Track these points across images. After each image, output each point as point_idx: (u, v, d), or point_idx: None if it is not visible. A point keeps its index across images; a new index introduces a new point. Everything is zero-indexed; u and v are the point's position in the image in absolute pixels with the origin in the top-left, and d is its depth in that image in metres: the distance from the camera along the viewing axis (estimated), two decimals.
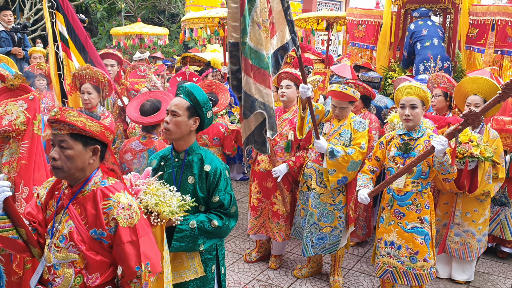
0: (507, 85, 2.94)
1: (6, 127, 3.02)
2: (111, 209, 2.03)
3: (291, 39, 3.21)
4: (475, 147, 3.68)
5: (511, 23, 5.46)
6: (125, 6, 14.53)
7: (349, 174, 3.80)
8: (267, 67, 2.99)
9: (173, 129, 2.52)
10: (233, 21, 2.85)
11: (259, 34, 2.88)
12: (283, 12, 3.11)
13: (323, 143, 3.78)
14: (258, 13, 2.86)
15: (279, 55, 3.22)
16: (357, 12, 6.86)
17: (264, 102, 3.08)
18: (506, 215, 4.55)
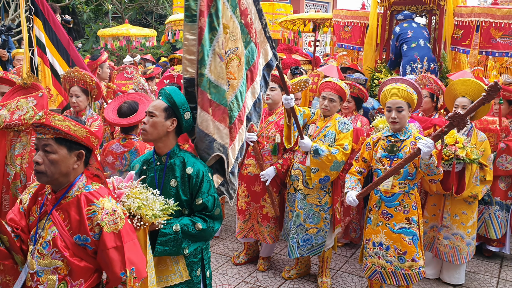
0: (491, 88, 2.97)
1: (16, 121, 3.36)
2: (95, 214, 2.01)
3: (273, 54, 3.18)
4: (461, 149, 3.71)
5: (495, 25, 5.51)
6: (112, 7, 14.43)
7: (331, 173, 3.81)
8: (227, 105, 2.69)
9: (149, 129, 2.52)
10: (189, 55, 2.57)
11: (220, 67, 2.61)
12: (262, 31, 3.07)
13: (307, 142, 3.79)
14: (220, 44, 2.60)
15: (266, 73, 3.18)
16: (343, 14, 6.88)
17: (223, 144, 2.70)
18: (490, 213, 4.61)
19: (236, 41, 2.78)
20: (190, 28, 2.54)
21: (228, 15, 2.71)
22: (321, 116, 4.02)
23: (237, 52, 2.79)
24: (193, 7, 2.50)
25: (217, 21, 2.57)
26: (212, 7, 2.55)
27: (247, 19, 2.89)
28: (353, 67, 6.64)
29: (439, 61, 5.97)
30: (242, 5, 2.84)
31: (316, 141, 3.89)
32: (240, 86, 2.81)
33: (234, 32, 2.76)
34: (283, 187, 4.34)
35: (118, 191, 2.27)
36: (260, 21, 3.03)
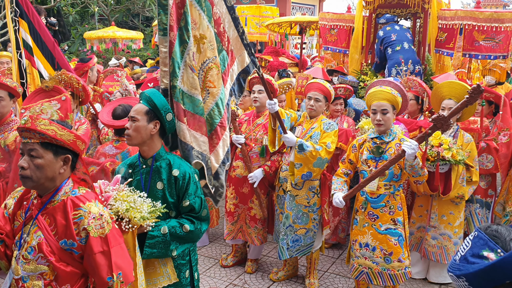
0: (474, 90, 3.02)
1: None
2: (81, 219, 2.00)
3: (251, 61, 3.24)
4: (446, 150, 3.76)
5: (478, 28, 5.60)
6: (99, 10, 14.33)
7: (314, 170, 3.82)
8: (203, 113, 2.79)
9: (133, 134, 2.54)
10: (164, 67, 2.68)
11: (192, 78, 2.71)
12: (239, 38, 3.13)
13: (291, 137, 3.79)
14: (191, 56, 2.70)
15: (241, 79, 3.26)
16: (329, 17, 6.94)
17: (201, 151, 2.82)
18: (471, 211, 4.68)
19: (214, 50, 2.89)
20: (163, 41, 2.67)
21: (205, 25, 2.83)
22: (307, 117, 4.05)
23: (215, 61, 2.89)
24: (164, 21, 2.64)
25: (186, 34, 2.69)
26: (182, 20, 2.68)
27: (219, 28, 2.99)
28: (339, 69, 6.69)
29: (423, 63, 6.04)
30: (215, 14, 2.95)
31: None
32: (220, 93, 2.91)
33: (211, 41, 2.88)
34: (271, 189, 4.37)
35: (105, 194, 2.27)
36: (237, 29, 3.10)
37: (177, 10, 2.68)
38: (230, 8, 3.04)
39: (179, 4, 2.68)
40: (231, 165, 4.37)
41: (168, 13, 2.62)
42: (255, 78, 4.30)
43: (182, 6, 2.69)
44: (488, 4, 20.49)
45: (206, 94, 2.86)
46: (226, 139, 2.98)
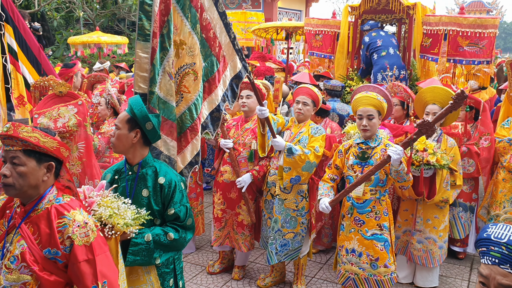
0: (458, 95, 3.06)
1: (61, 128, 3.56)
2: (66, 227, 1.98)
3: (242, 66, 3.27)
4: (431, 155, 3.79)
5: (462, 33, 5.68)
6: (84, 14, 14.24)
7: (303, 174, 3.83)
8: (175, 119, 2.84)
9: (115, 142, 2.55)
10: (141, 72, 2.69)
11: (169, 84, 2.74)
12: (231, 44, 3.16)
13: (280, 141, 3.80)
14: (171, 63, 2.73)
15: (234, 84, 3.28)
16: (314, 22, 6.98)
17: (169, 155, 2.87)
18: (454, 214, 4.73)
19: (193, 56, 2.90)
20: (142, 47, 2.67)
21: (187, 31, 2.85)
22: (295, 122, 4.06)
23: (194, 67, 2.91)
24: (147, 27, 2.64)
25: (168, 42, 2.72)
26: (165, 28, 2.70)
27: (209, 33, 3.01)
28: (326, 74, 6.73)
29: (409, 68, 6.10)
30: (205, 20, 2.96)
31: None
32: (195, 99, 2.95)
33: (192, 48, 2.89)
34: (259, 194, 4.35)
35: (89, 200, 2.25)
36: (228, 34, 3.13)
37: (161, 17, 2.69)
38: (222, 14, 3.06)
39: (163, 11, 2.69)
40: (218, 170, 4.36)
41: (152, 20, 2.63)
42: (243, 84, 4.29)
43: (166, 13, 2.70)
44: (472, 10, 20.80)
45: (180, 98, 2.91)
46: (196, 144, 3.01)
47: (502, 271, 1.36)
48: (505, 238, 1.37)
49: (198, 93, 2.95)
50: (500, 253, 1.36)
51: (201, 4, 2.90)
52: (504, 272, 1.35)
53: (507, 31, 58.57)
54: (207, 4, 2.95)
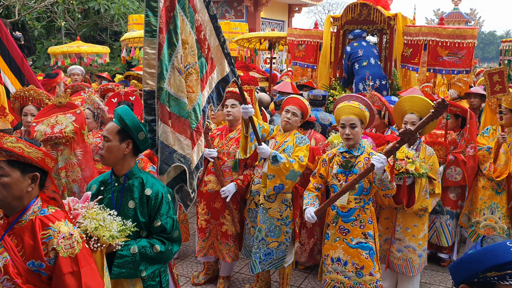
0: (439, 104, 3.10)
1: (58, 133, 3.61)
2: (50, 239, 1.94)
3: (230, 70, 3.26)
4: (410, 163, 3.83)
5: (441, 43, 5.79)
6: (65, 24, 14.12)
7: (286, 182, 3.83)
8: (188, 116, 2.79)
9: (105, 154, 2.51)
10: (149, 68, 2.67)
11: (179, 80, 2.71)
12: (220, 47, 3.15)
13: (265, 148, 3.80)
14: (179, 59, 2.72)
15: (221, 87, 3.26)
16: (296, 33, 7.05)
17: (184, 154, 2.79)
18: (441, 222, 4.78)
19: (194, 56, 2.90)
20: (150, 43, 2.65)
21: (188, 31, 2.85)
22: (280, 131, 4.07)
23: (195, 67, 2.90)
24: (153, 23, 2.62)
25: (175, 37, 2.70)
26: (171, 23, 2.69)
27: (200, 35, 3.01)
28: (309, 84, 6.78)
29: (390, 78, 6.19)
30: (197, 21, 2.96)
31: None
32: (198, 99, 2.92)
33: (192, 47, 2.89)
34: (243, 204, 4.34)
35: (74, 212, 2.22)
36: (218, 37, 3.12)
37: (166, 13, 2.68)
38: (213, 16, 3.05)
39: (168, 8, 2.69)
40: (202, 180, 4.33)
41: (158, 16, 2.62)
42: (228, 93, 4.29)
43: (171, 9, 2.69)
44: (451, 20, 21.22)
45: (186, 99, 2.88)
46: (201, 145, 2.98)
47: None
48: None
49: (199, 92, 2.94)
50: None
51: (194, 5, 2.92)
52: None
53: (485, 41, 59.95)
54: (199, 6, 2.97)
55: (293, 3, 19.70)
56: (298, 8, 20.28)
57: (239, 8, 17.75)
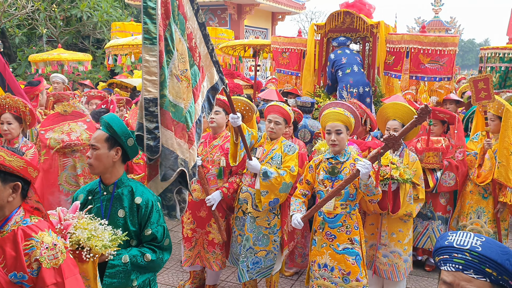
0: (422, 110, 3.14)
1: (76, 141, 3.79)
2: (33, 249, 1.91)
3: (219, 78, 3.27)
4: (394, 169, 3.87)
5: (423, 51, 5.89)
6: (47, 31, 13.98)
7: (280, 196, 3.85)
8: (185, 121, 2.82)
9: (94, 163, 2.48)
10: (150, 75, 2.63)
11: (178, 86, 2.73)
12: (209, 55, 3.17)
13: (255, 164, 3.82)
14: (176, 65, 2.74)
15: (210, 96, 3.27)
16: (280, 41, 7.10)
17: (184, 158, 2.83)
18: (433, 228, 4.83)
19: (185, 63, 2.90)
20: (149, 50, 2.63)
21: (178, 38, 2.85)
22: (267, 139, 4.08)
23: (186, 74, 2.90)
24: (153, 30, 2.60)
25: (172, 44, 2.72)
26: (167, 31, 2.70)
27: (191, 43, 3.01)
28: (294, 91, 6.82)
29: (373, 85, 6.25)
30: (188, 29, 2.97)
31: (264, 164, 3.93)
32: (189, 106, 2.92)
33: (183, 54, 2.89)
34: (229, 211, 4.32)
35: (65, 222, 2.18)
36: (207, 45, 3.13)
37: (163, 21, 2.68)
38: (201, 24, 3.06)
39: (164, 15, 2.69)
40: None
41: (157, 23, 2.61)
42: None
43: (167, 17, 2.69)
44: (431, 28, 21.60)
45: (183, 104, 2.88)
46: (193, 154, 2.98)
47: (467, 276, 1.41)
48: (468, 244, 1.43)
49: (191, 100, 2.93)
50: (463, 259, 1.42)
51: (185, 13, 2.91)
52: (469, 277, 1.41)
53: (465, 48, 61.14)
54: (189, 14, 2.97)
55: (277, 11, 19.82)
56: (282, 16, 20.41)
57: (223, 16, 17.80)
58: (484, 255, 1.39)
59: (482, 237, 1.44)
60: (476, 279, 1.39)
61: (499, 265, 1.37)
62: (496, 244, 1.41)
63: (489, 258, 1.38)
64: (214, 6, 17.68)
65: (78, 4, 13.75)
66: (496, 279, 1.38)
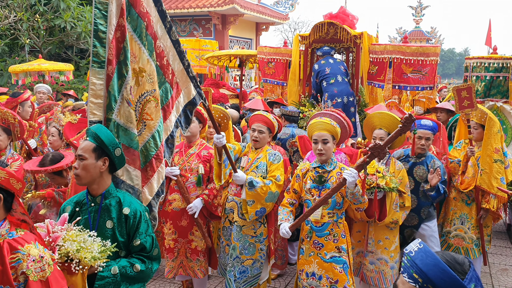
0: (406, 119, 3.21)
1: None
2: (20, 262, 1.89)
3: (197, 93, 3.29)
4: (381, 178, 3.93)
5: (406, 61, 5.99)
6: (30, 41, 13.85)
7: (267, 205, 3.87)
8: (137, 147, 2.77)
9: (82, 173, 2.46)
10: (96, 98, 2.66)
11: (128, 111, 2.69)
12: (184, 71, 3.18)
13: (241, 175, 3.84)
14: (129, 90, 2.69)
15: (188, 111, 3.28)
16: (266, 51, 7.17)
17: (133, 185, 2.79)
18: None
19: (153, 83, 2.89)
20: (97, 73, 2.65)
21: (145, 59, 2.85)
22: (252, 148, 4.10)
23: (154, 94, 2.89)
24: (102, 54, 2.63)
25: (125, 68, 2.70)
26: (121, 55, 2.69)
27: (162, 61, 3.02)
28: (279, 101, 6.87)
29: (357, 95, 6.33)
30: (158, 48, 2.98)
31: (249, 173, 3.95)
32: (157, 125, 2.92)
33: (151, 74, 2.89)
34: (210, 218, 4.32)
35: (53, 234, 2.17)
36: (182, 62, 3.14)
37: (117, 45, 2.67)
38: (175, 42, 3.07)
39: (119, 39, 2.68)
40: (166, 199, 4.28)
41: (107, 47, 2.62)
42: None
43: (122, 40, 2.69)
44: (412, 38, 21.95)
45: (143, 126, 2.87)
46: (161, 171, 2.98)
47: (402, 279, 1.50)
48: (408, 249, 1.51)
49: (160, 119, 2.93)
50: (403, 262, 1.51)
51: (155, 33, 2.92)
52: (403, 280, 1.50)
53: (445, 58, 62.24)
54: (160, 32, 2.98)
55: (261, 22, 19.98)
56: (266, 27, 20.57)
57: (207, 26, 17.87)
58: (413, 260, 1.46)
59: (423, 245, 1.49)
60: (408, 282, 1.47)
61: (424, 273, 1.42)
62: (431, 255, 1.45)
63: (415, 264, 1.45)
64: (198, 17, 17.76)
65: (62, 14, 13.67)
66: (422, 286, 1.43)
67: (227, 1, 16.22)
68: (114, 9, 2.61)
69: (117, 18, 2.64)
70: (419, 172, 4.39)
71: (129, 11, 2.71)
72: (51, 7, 13.77)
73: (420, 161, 4.39)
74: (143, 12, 2.78)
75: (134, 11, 2.74)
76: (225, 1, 16.30)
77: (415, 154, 4.39)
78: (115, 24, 2.63)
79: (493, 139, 4.51)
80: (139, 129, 2.84)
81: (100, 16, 2.60)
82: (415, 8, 22.95)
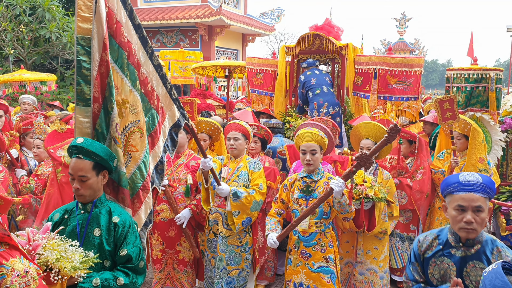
0: (391, 129, 3.24)
1: None
2: (4, 277, 1.85)
3: (181, 114, 3.29)
4: (369, 188, 3.96)
5: (390, 72, 6.07)
6: (14, 52, 13.73)
7: (252, 214, 3.87)
8: (127, 185, 2.75)
9: (87, 192, 2.49)
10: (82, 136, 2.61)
11: (115, 149, 2.66)
12: (167, 94, 3.17)
13: (225, 188, 3.85)
14: (114, 127, 2.66)
15: (173, 133, 3.27)
16: (255, 61, 7.21)
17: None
18: (392, 244, 4.90)
19: (137, 113, 2.85)
20: (83, 111, 2.61)
21: (127, 89, 2.80)
22: (231, 158, 4.11)
23: (138, 125, 2.85)
24: (87, 92, 2.58)
25: (110, 105, 2.66)
26: (107, 91, 2.65)
27: (147, 87, 2.98)
28: (266, 111, 6.89)
29: (343, 105, 6.39)
30: (142, 75, 2.93)
31: (231, 183, 3.96)
32: (143, 156, 2.89)
33: (134, 105, 2.84)
34: (198, 229, 4.30)
35: (34, 243, 2.13)
36: (165, 85, 3.11)
37: (102, 80, 2.63)
38: (157, 66, 3.04)
39: (104, 74, 2.64)
40: (153, 209, 4.25)
41: (92, 84, 2.58)
42: None
43: (106, 75, 2.64)
44: (396, 50, 22.22)
45: (128, 159, 2.83)
46: (148, 202, 2.94)
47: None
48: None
49: (145, 150, 2.90)
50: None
51: (138, 60, 2.88)
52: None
53: (429, 69, 63.16)
54: (143, 59, 2.94)
55: (247, 33, 20.10)
56: (252, 38, 20.69)
57: (194, 37, 17.92)
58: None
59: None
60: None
61: None
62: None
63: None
64: (185, 28, 17.80)
65: (47, 24, 13.58)
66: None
67: (214, 12, 16.30)
68: (96, 44, 2.57)
69: (100, 53, 2.59)
70: (473, 274, 2.28)
71: (109, 41, 2.65)
72: (36, 17, 13.70)
73: (475, 253, 2.31)
74: (124, 42, 2.73)
75: (115, 42, 2.69)
76: (211, 12, 16.38)
77: (463, 240, 2.35)
78: (98, 59, 2.59)
79: (477, 149, 4.57)
80: (125, 161, 2.79)
81: (83, 52, 2.53)
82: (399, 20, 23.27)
